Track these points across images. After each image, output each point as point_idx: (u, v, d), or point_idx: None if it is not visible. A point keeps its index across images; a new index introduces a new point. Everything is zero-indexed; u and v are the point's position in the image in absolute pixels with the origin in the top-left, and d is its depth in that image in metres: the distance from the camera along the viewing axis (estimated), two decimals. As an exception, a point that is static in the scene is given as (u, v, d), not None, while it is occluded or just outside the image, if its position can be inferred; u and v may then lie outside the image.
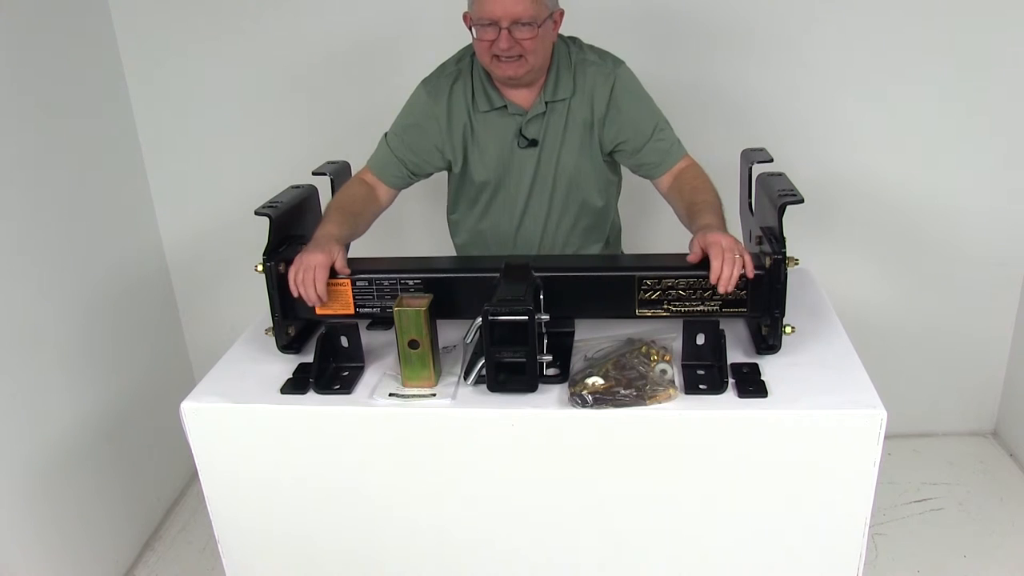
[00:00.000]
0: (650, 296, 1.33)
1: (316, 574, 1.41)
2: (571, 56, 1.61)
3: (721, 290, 1.26)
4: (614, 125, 1.61)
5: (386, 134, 1.68)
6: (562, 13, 1.57)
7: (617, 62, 1.63)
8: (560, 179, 1.67)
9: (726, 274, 1.24)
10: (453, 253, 1.95)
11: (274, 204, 1.43)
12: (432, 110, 1.63)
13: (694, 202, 1.46)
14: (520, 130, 1.62)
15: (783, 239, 1.28)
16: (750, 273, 1.26)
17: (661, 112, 1.65)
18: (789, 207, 1.29)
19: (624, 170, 1.87)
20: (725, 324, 1.30)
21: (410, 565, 1.37)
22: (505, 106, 1.61)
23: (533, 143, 1.63)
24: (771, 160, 1.55)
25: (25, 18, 1.94)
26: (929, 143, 2.28)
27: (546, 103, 1.60)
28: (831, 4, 2.17)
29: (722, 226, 1.36)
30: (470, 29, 1.53)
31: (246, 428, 1.31)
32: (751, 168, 1.59)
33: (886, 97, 2.24)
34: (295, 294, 1.34)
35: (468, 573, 1.37)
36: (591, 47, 1.66)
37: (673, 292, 1.32)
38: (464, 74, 1.63)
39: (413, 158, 1.65)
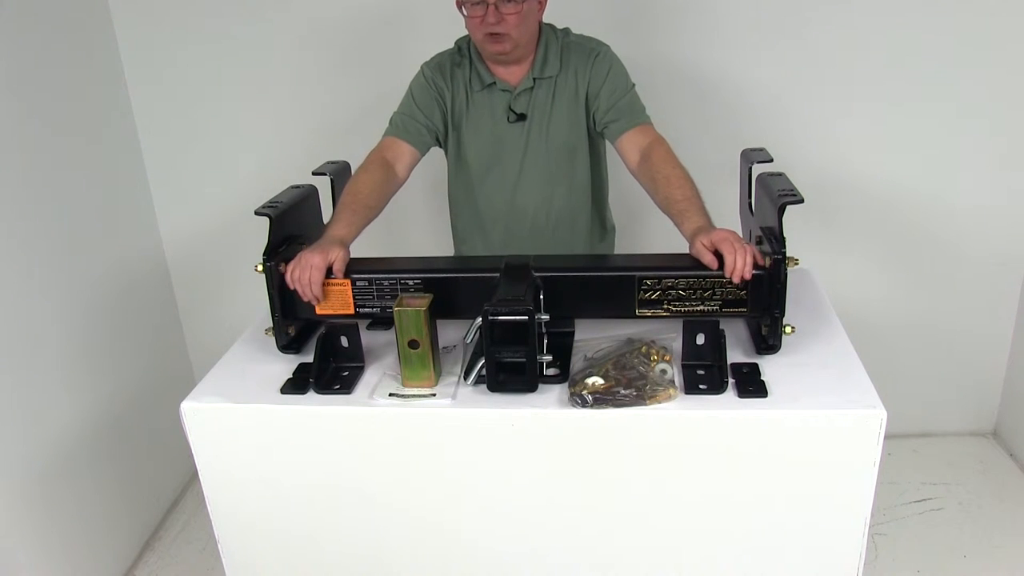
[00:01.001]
0: (650, 296, 1.33)
1: (316, 574, 1.41)
2: (559, 40, 1.72)
3: (737, 279, 1.27)
4: (593, 90, 1.70)
5: (396, 112, 1.74)
6: None
7: (602, 44, 1.73)
8: (550, 153, 1.74)
9: (740, 264, 1.26)
10: (452, 253, 1.95)
11: (274, 204, 1.43)
12: (436, 80, 1.73)
13: (674, 199, 1.46)
14: (509, 105, 1.71)
15: (783, 239, 1.28)
16: (760, 259, 1.28)
17: (635, 91, 1.72)
18: (789, 207, 1.29)
19: (614, 173, 1.89)
20: (725, 324, 1.30)
21: (410, 565, 1.37)
22: (494, 83, 1.70)
23: (522, 117, 1.72)
24: (771, 160, 1.55)
25: (25, 19, 1.94)
26: (929, 143, 2.28)
27: (534, 79, 1.69)
28: (831, 4, 2.17)
29: (711, 224, 1.38)
30: (460, 9, 1.63)
31: (246, 428, 1.31)
32: (751, 168, 1.59)
33: (886, 97, 2.24)
34: (291, 287, 1.35)
35: (468, 572, 1.37)
36: (580, 35, 1.75)
37: (673, 292, 1.32)
38: (463, 58, 1.74)
39: (425, 117, 1.72)
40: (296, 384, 1.33)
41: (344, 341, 1.37)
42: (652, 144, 1.61)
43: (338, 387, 1.31)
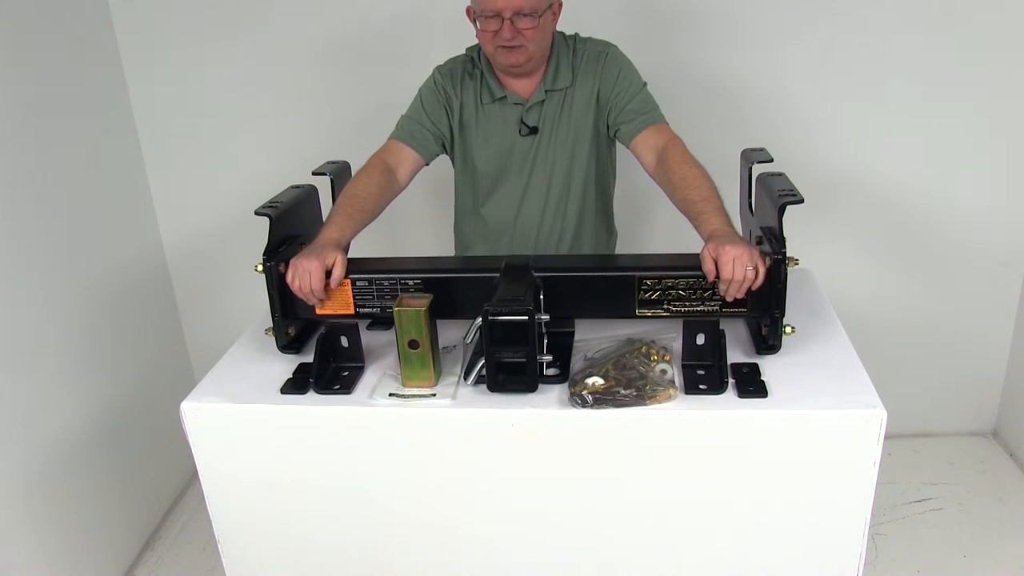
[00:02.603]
0: (650, 296, 1.33)
1: (316, 574, 1.41)
2: (570, 48, 1.69)
3: (729, 298, 1.26)
4: (604, 92, 1.67)
5: (404, 115, 1.73)
6: (560, 4, 1.64)
7: (609, 45, 1.71)
8: (560, 164, 1.72)
9: (733, 288, 1.24)
10: (453, 252, 1.95)
11: (274, 204, 1.43)
12: (446, 87, 1.71)
13: (691, 200, 1.43)
14: (521, 119, 1.69)
15: (783, 239, 1.28)
16: (755, 285, 1.25)
17: (648, 89, 1.69)
18: (789, 207, 1.29)
19: (619, 170, 1.88)
20: (725, 324, 1.30)
21: (410, 565, 1.37)
22: (505, 96, 1.68)
23: (534, 131, 1.69)
24: (771, 160, 1.55)
25: (25, 18, 1.94)
26: (929, 143, 2.28)
27: (546, 91, 1.67)
28: (831, 4, 2.17)
29: (728, 224, 1.35)
30: (474, 23, 1.60)
31: (246, 428, 1.31)
32: (751, 168, 1.59)
33: (886, 97, 2.24)
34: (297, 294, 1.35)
35: (468, 573, 1.37)
36: (587, 38, 1.72)
37: (673, 292, 1.32)
38: (476, 68, 1.71)
39: (432, 124, 1.70)
40: (296, 384, 1.33)
41: (344, 341, 1.37)
42: (668, 145, 1.58)
43: (338, 387, 1.31)
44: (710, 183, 1.47)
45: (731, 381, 1.25)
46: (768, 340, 1.33)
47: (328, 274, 1.34)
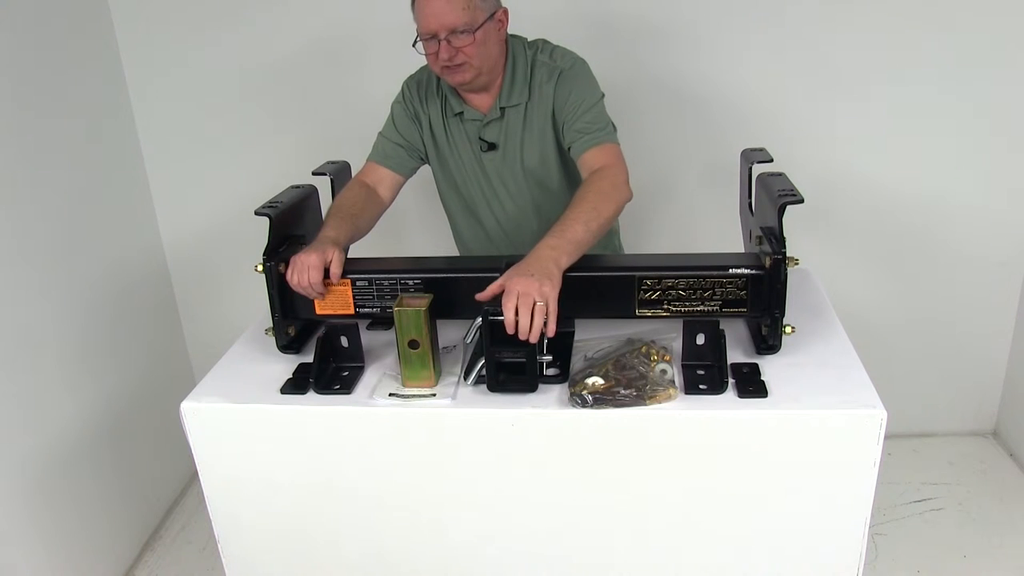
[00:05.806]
0: (650, 296, 1.33)
1: (316, 574, 1.41)
2: (528, 60, 1.61)
3: (524, 338, 1.19)
4: (557, 110, 1.60)
5: (380, 133, 1.71)
6: (506, 11, 1.57)
7: (568, 59, 1.60)
8: (529, 179, 1.70)
9: (523, 323, 1.18)
10: (453, 253, 1.95)
11: (274, 204, 1.43)
12: (413, 102, 1.68)
13: (563, 215, 1.35)
14: (479, 135, 1.65)
15: (783, 239, 1.28)
16: (550, 331, 1.20)
17: (602, 106, 1.60)
18: (789, 207, 1.29)
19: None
20: (725, 324, 1.30)
21: (410, 565, 1.37)
22: (463, 112, 1.64)
23: (493, 147, 1.66)
24: (771, 160, 1.55)
25: (25, 18, 1.94)
26: (929, 143, 2.28)
27: (501, 108, 1.62)
28: (830, 4, 2.16)
29: (561, 249, 1.28)
30: (415, 47, 1.55)
31: (246, 428, 1.31)
32: (751, 168, 1.59)
33: (886, 97, 2.24)
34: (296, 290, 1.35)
35: (468, 572, 1.37)
36: (552, 49, 1.63)
37: (673, 292, 1.32)
38: (440, 79, 1.64)
39: (406, 140, 1.68)
40: (296, 384, 1.33)
41: (344, 341, 1.37)
42: (601, 168, 1.49)
43: (338, 387, 1.31)
44: (593, 208, 1.37)
45: (731, 381, 1.25)
46: (768, 340, 1.33)
47: (327, 271, 1.34)
